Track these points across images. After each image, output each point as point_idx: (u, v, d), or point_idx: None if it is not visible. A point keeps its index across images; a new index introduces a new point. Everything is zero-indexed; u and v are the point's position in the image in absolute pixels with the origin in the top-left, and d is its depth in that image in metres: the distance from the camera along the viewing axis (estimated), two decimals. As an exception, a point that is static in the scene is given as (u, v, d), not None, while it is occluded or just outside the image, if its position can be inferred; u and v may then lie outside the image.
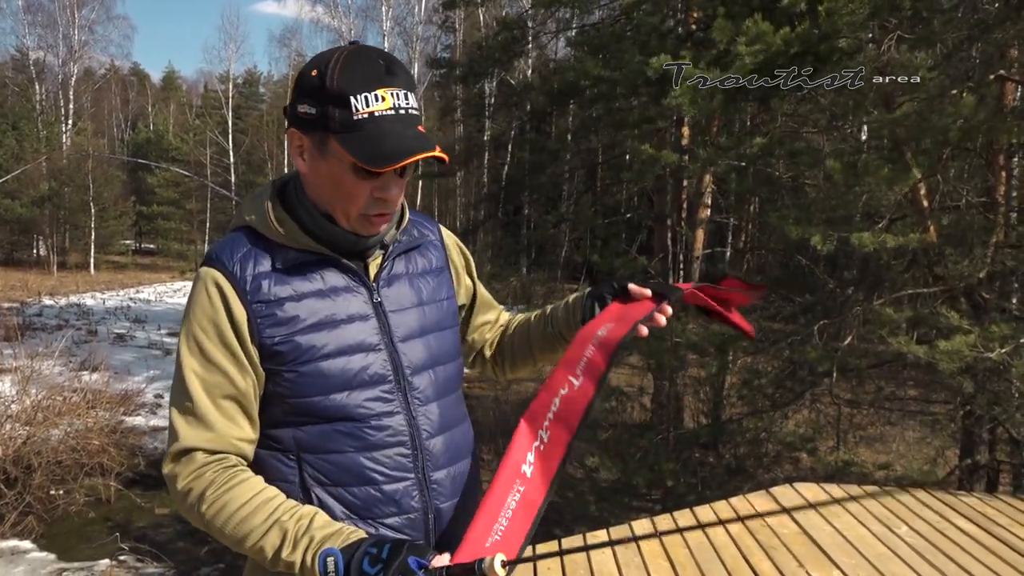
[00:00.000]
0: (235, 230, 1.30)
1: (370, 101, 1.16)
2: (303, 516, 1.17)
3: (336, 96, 1.16)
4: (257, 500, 1.18)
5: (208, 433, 1.21)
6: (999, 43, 5.96)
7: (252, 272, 1.23)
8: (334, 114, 1.17)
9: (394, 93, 1.18)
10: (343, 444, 1.25)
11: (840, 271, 9.55)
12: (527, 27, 12.17)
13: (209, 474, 1.20)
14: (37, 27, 33.98)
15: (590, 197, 15.36)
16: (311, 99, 1.19)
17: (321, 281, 1.26)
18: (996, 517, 4.53)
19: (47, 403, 9.56)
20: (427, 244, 1.43)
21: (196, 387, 1.21)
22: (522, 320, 1.60)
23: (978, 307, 6.25)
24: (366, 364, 1.26)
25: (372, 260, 1.33)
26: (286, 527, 1.15)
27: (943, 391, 7.68)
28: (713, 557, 3.88)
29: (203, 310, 1.22)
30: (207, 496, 1.19)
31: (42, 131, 32.32)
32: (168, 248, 34.08)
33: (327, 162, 1.21)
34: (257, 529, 1.17)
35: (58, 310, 20.35)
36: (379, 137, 1.16)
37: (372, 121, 1.16)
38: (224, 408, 1.22)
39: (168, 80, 53.73)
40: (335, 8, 32.77)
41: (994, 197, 6.73)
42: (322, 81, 1.18)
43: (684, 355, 7.78)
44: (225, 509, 1.18)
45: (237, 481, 1.20)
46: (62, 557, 7.59)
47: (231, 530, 1.18)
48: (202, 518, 1.20)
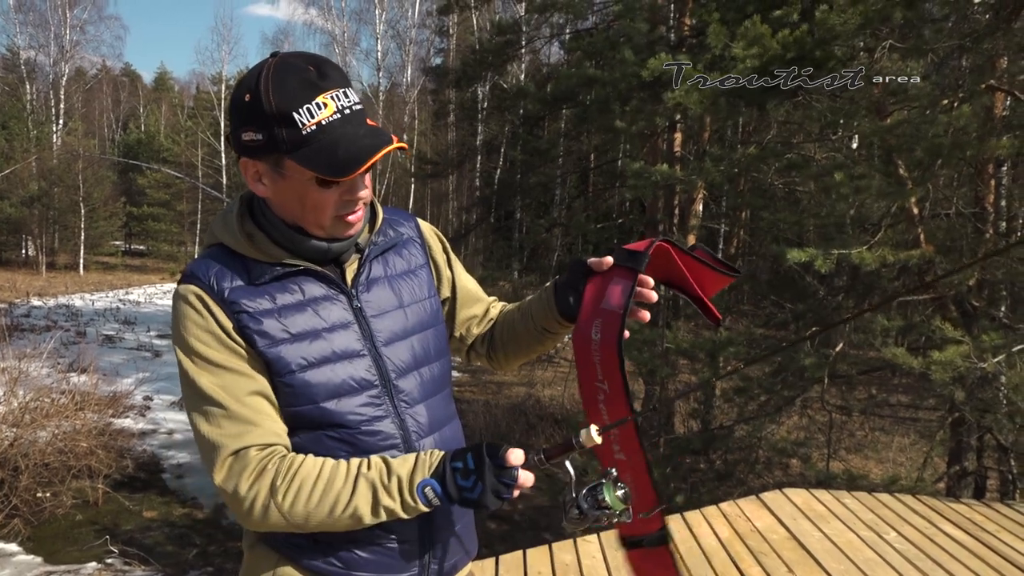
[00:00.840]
0: (208, 247, 1.29)
1: (313, 112, 1.13)
2: (377, 464, 1.20)
3: (279, 116, 1.13)
4: (327, 470, 1.19)
5: (252, 429, 1.19)
6: (989, 53, 6.01)
7: (229, 286, 1.21)
8: (281, 135, 1.14)
9: (334, 96, 1.15)
10: (337, 450, 1.25)
11: (831, 278, 9.59)
12: (521, 32, 12.20)
13: (271, 467, 1.18)
14: (28, 26, 33.86)
15: (582, 202, 15.42)
16: (254, 125, 1.16)
17: (300, 292, 1.25)
18: (984, 523, 4.56)
19: (35, 405, 9.49)
20: (404, 242, 1.41)
21: (219, 394, 1.19)
22: (506, 314, 1.56)
23: (968, 315, 6.30)
24: (351, 371, 1.26)
25: (348, 265, 1.31)
26: (371, 478, 1.18)
27: (933, 398, 7.73)
28: (703, 562, 3.89)
29: (194, 323, 1.21)
30: (279, 488, 1.17)
31: (32, 131, 32.13)
32: (158, 249, 33.86)
33: (287, 181, 1.19)
34: (343, 493, 1.17)
35: (47, 311, 20.23)
36: (333, 145, 1.14)
37: (321, 131, 1.14)
38: (253, 404, 1.20)
39: (160, 81, 53.55)
40: (328, 11, 32.86)
41: (984, 206, 6.78)
42: (258, 104, 1.14)
43: (675, 361, 7.80)
44: (302, 491, 1.17)
45: (299, 463, 1.19)
46: (49, 560, 7.54)
47: (316, 508, 1.17)
48: (280, 512, 1.17)
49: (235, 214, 1.27)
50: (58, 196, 29.13)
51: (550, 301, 1.38)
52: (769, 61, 5.69)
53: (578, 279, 1.32)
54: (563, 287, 1.36)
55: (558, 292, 1.37)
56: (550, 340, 1.47)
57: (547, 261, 17.90)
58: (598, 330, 1.24)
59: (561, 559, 3.83)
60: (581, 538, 4.13)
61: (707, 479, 7.98)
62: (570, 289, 1.34)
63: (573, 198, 16.80)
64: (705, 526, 4.37)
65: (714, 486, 7.64)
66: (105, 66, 43.82)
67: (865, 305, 6.78)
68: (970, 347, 5.13)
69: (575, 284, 1.33)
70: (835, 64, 5.77)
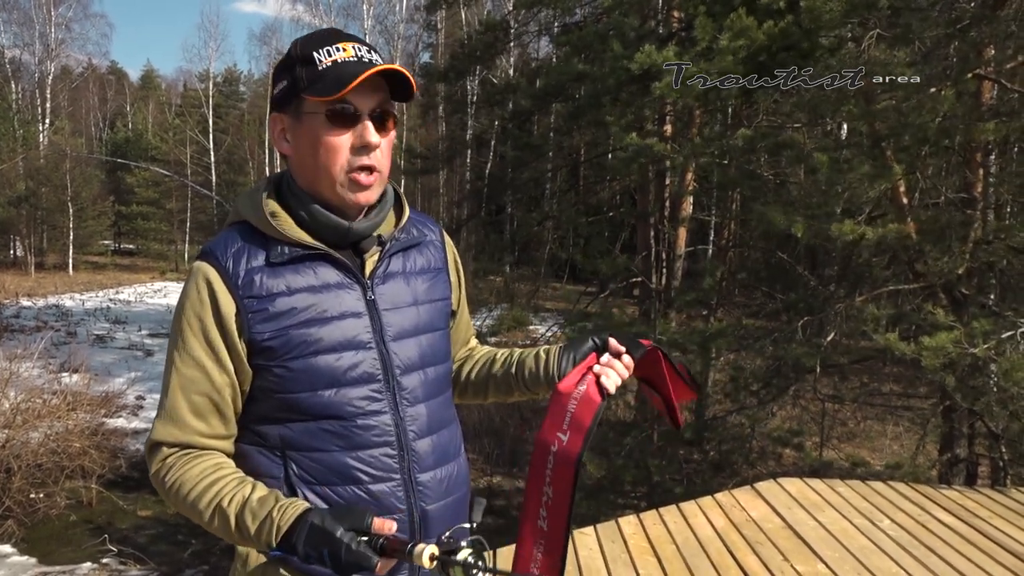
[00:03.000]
0: (231, 225, 1.30)
1: (331, 52, 1.21)
2: (237, 502, 1.18)
3: (301, 58, 1.23)
4: (199, 487, 1.21)
5: (174, 429, 1.24)
6: (976, 42, 6.03)
7: (245, 267, 1.23)
8: (302, 74, 1.22)
9: (356, 47, 1.23)
10: (329, 443, 1.24)
11: (822, 268, 9.64)
12: (509, 27, 12.15)
13: (171, 460, 1.24)
14: (13, 25, 33.67)
15: (573, 195, 15.40)
16: (284, 73, 1.26)
17: (314, 276, 1.26)
18: (976, 510, 4.60)
19: (26, 406, 9.44)
20: (427, 243, 1.41)
21: (173, 382, 1.24)
22: (486, 356, 1.56)
23: (958, 303, 6.33)
24: (356, 361, 1.26)
25: (369, 257, 1.31)
26: (227, 514, 1.18)
27: (924, 386, 7.78)
28: (699, 552, 3.91)
29: (191, 304, 1.23)
30: (168, 487, 1.24)
31: (18, 130, 31.92)
32: (148, 248, 33.68)
33: (304, 126, 1.24)
34: (204, 513, 1.20)
35: (36, 311, 20.10)
36: (341, 73, 1.20)
37: (336, 67, 1.20)
38: (196, 404, 1.23)
39: (147, 79, 53.16)
40: (316, 6, 32.73)
41: (972, 194, 6.81)
42: (290, 56, 1.26)
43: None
44: (179, 495, 1.22)
45: (190, 466, 1.23)
46: (43, 560, 7.51)
47: (191, 513, 1.22)
48: (171, 501, 1.25)
49: (262, 192, 1.29)
50: (46, 196, 28.93)
51: (551, 362, 1.43)
52: (756, 52, 5.70)
53: (593, 349, 1.39)
54: (570, 353, 1.41)
55: (562, 357, 1.42)
56: (517, 396, 1.52)
57: (539, 254, 17.91)
58: (579, 395, 1.31)
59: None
60: (578, 530, 4.15)
61: (702, 470, 8.03)
62: (577, 355, 1.41)
63: (564, 192, 16.79)
64: (700, 516, 4.39)
65: (709, 476, 7.68)
66: (91, 64, 43.57)
67: (856, 295, 6.81)
68: (961, 332, 5.17)
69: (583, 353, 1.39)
70: (822, 54, 5.78)
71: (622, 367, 1.34)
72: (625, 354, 1.35)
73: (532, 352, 1.48)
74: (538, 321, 17.70)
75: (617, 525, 4.26)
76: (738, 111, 8.85)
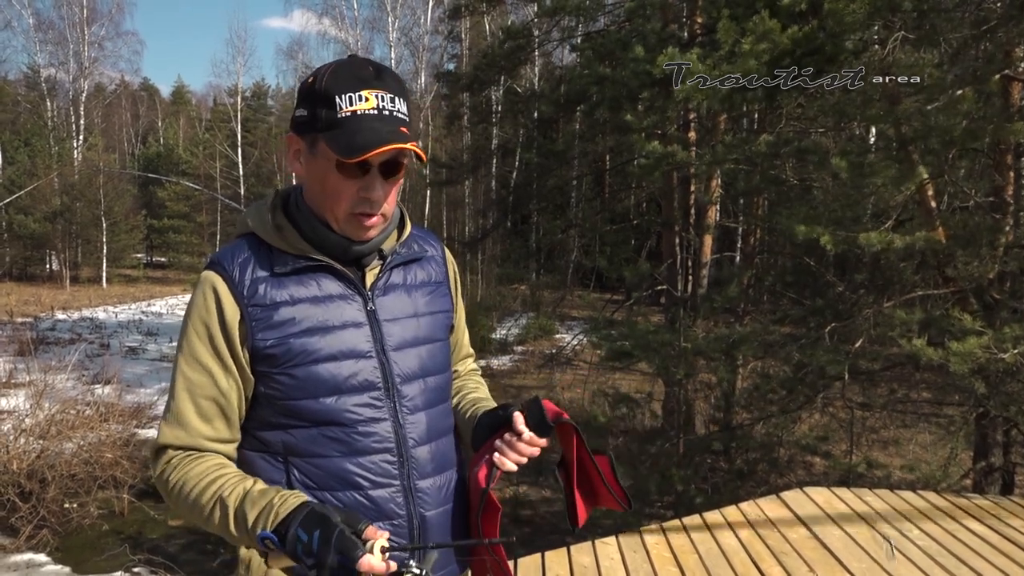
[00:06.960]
0: (240, 236, 1.34)
1: (354, 100, 1.21)
2: (237, 493, 1.20)
3: (323, 97, 1.22)
4: (201, 484, 1.23)
5: (180, 432, 1.27)
6: (1003, 43, 5.93)
7: (251, 276, 1.27)
8: (321, 114, 1.22)
9: (379, 95, 1.22)
10: (330, 449, 1.27)
11: (850, 274, 9.50)
12: (532, 35, 12.20)
13: (175, 460, 1.27)
14: (48, 44, 34.32)
15: (598, 203, 15.39)
16: (305, 103, 1.26)
17: (317, 287, 1.29)
18: (1008, 519, 4.50)
19: (60, 417, 9.61)
20: (428, 258, 1.45)
21: (180, 386, 1.28)
22: (460, 394, 1.56)
23: (989, 308, 6.21)
24: (356, 370, 1.29)
25: (370, 270, 1.35)
26: (227, 505, 1.20)
27: (956, 393, 7.62)
28: (723, 562, 3.87)
29: (198, 312, 1.27)
30: (171, 488, 1.26)
31: (54, 147, 32.57)
32: (179, 261, 34.17)
33: (316, 162, 1.26)
34: (205, 509, 1.22)
35: (71, 324, 20.49)
36: (357, 132, 1.20)
37: (354, 119, 1.20)
38: (202, 408, 1.27)
39: (177, 94, 54.15)
40: (341, 20, 32.98)
41: (1002, 197, 6.68)
42: (314, 86, 1.24)
43: (693, 361, 7.74)
44: (180, 496, 1.25)
45: (193, 465, 1.25)
46: (76, 570, 7.63)
47: (190, 515, 1.25)
48: (173, 501, 1.28)
49: (269, 206, 1.33)
50: (80, 211, 29.50)
51: (475, 436, 1.41)
52: (779, 56, 5.66)
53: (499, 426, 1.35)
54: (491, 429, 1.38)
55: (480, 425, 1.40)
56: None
57: (564, 262, 17.89)
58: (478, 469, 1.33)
59: (579, 561, 3.82)
60: (600, 540, 4.12)
61: (728, 479, 7.93)
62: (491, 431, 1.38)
63: (589, 200, 16.78)
64: (724, 526, 4.35)
65: (735, 486, 7.58)
66: (124, 81, 44.39)
67: (884, 300, 6.70)
68: (990, 337, 5.07)
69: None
70: (846, 57, 5.72)
71: (524, 447, 1.29)
72: (530, 432, 1.29)
73: (470, 407, 1.48)
74: (564, 329, 17.65)
75: (639, 535, 4.23)
76: (762, 116, 8.79)
